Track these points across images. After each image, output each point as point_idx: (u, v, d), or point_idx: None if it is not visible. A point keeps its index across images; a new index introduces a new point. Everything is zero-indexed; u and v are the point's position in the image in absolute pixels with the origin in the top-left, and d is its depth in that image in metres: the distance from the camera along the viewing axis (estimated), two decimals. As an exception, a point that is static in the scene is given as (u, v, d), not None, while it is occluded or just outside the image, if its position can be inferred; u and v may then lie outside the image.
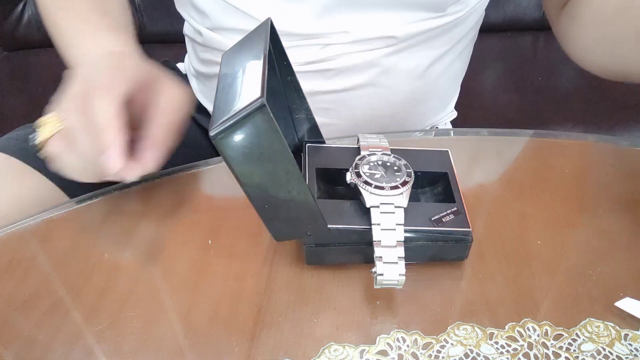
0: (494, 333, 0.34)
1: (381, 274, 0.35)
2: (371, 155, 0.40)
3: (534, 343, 0.34)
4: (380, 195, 0.36)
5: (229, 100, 0.31)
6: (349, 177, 0.38)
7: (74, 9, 0.52)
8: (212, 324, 0.36)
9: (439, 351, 0.33)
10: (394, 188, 0.37)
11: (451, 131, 0.59)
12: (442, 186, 0.41)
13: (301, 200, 0.34)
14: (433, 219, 0.37)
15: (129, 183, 0.46)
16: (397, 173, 0.38)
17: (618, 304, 0.35)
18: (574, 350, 0.33)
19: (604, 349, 0.33)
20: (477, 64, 0.75)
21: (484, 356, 0.33)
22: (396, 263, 0.35)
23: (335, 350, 0.34)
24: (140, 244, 0.41)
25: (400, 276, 0.35)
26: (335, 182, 0.41)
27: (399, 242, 0.35)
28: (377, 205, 0.36)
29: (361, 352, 0.33)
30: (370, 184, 0.37)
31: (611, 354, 0.33)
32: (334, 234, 0.36)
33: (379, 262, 0.35)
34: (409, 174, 0.38)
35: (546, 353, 0.33)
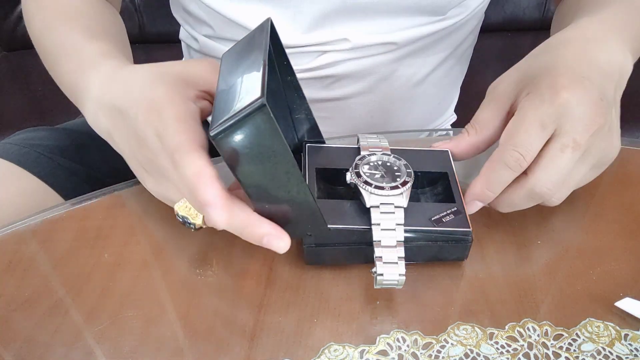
0: (494, 333, 0.34)
1: (381, 274, 0.35)
2: (371, 155, 0.40)
3: (534, 343, 0.34)
4: (381, 195, 0.36)
5: (229, 100, 0.31)
6: (349, 177, 0.38)
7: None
8: (212, 324, 0.36)
9: (439, 351, 0.33)
10: (394, 188, 0.37)
11: (451, 131, 0.59)
12: (442, 186, 0.41)
13: (301, 200, 0.33)
14: (433, 219, 0.37)
15: (129, 183, 0.46)
16: (397, 173, 0.38)
17: (618, 304, 0.35)
18: (574, 350, 0.33)
19: (604, 349, 0.33)
20: (477, 64, 0.75)
21: (484, 356, 0.33)
22: (396, 263, 0.35)
23: (335, 351, 0.34)
24: (140, 244, 0.41)
25: (400, 276, 0.35)
26: (335, 182, 0.41)
27: (399, 242, 0.35)
28: (377, 205, 0.36)
29: (361, 352, 0.33)
30: (370, 184, 0.37)
31: (611, 354, 0.33)
32: (334, 234, 0.36)
33: (379, 263, 0.35)
34: (409, 174, 0.38)
35: (546, 353, 0.33)
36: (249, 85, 0.31)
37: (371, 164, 0.39)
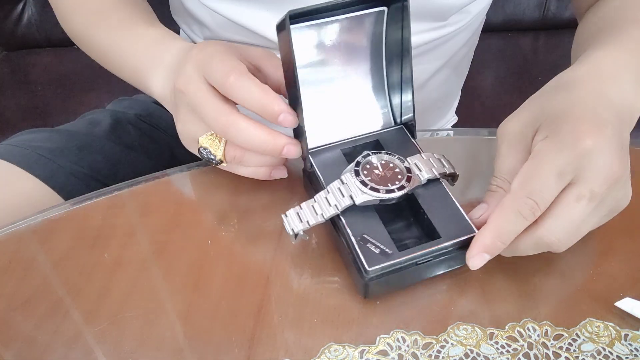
0: (494, 333, 0.34)
1: (285, 215, 0.37)
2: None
3: (534, 343, 0.34)
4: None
5: None
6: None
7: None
8: (212, 324, 0.36)
9: (439, 351, 0.33)
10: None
11: (451, 131, 0.59)
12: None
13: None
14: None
15: (129, 183, 0.46)
16: (399, 176, 0.38)
17: (618, 304, 0.35)
18: (574, 350, 0.33)
19: (604, 349, 0.33)
20: (477, 64, 0.75)
21: (484, 356, 0.33)
22: (303, 223, 0.36)
23: (335, 351, 0.34)
24: (140, 244, 0.41)
25: (294, 231, 0.36)
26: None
27: (321, 215, 0.36)
28: (345, 183, 0.37)
29: (361, 352, 0.33)
30: (366, 185, 0.37)
31: (611, 354, 0.33)
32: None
33: (297, 207, 0.37)
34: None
35: (546, 353, 0.33)
36: None
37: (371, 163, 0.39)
